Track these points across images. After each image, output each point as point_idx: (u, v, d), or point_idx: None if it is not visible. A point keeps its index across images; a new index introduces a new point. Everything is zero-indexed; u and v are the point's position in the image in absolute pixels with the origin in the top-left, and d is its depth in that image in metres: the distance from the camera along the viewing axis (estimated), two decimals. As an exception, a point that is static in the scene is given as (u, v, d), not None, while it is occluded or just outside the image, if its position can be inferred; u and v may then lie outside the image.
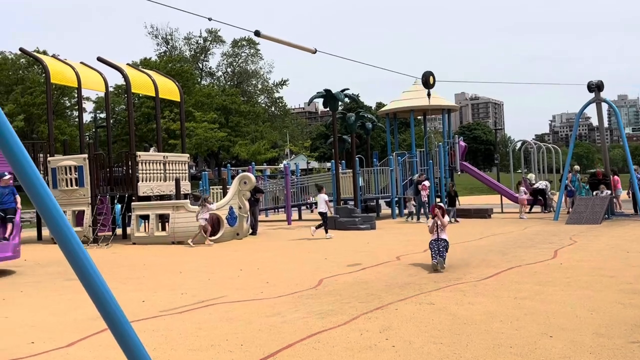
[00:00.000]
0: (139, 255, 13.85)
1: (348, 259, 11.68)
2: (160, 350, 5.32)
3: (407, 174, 25.93)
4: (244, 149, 60.92)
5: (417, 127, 30.61)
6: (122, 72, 18.69)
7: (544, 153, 28.74)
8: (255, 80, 79.15)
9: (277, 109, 79.69)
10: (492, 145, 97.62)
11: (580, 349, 4.97)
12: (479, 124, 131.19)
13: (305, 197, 27.75)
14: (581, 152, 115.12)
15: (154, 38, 74.67)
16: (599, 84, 20.36)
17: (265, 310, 6.95)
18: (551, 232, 16.05)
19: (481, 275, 8.97)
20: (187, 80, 60.61)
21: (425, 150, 27.06)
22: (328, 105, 22.35)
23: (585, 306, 6.59)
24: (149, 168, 17.82)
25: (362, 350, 5.14)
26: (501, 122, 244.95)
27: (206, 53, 77.07)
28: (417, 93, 27.51)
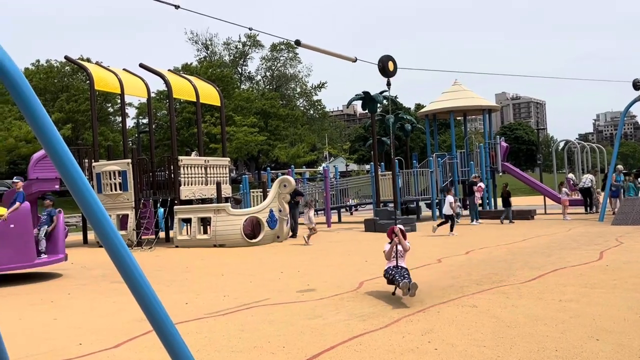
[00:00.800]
0: (182, 258, 14.04)
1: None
2: (204, 352, 5.39)
3: (447, 175, 25.70)
4: (283, 152, 61.26)
5: (457, 128, 30.31)
6: (164, 78, 18.99)
7: (587, 153, 28.17)
8: (293, 83, 79.49)
9: (315, 112, 79.88)
10: (534, 146, 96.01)
11: (629, 353, 4.85)
12: (521, 124, 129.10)
13: (344, 199, 27.75)
14: (627, 152, 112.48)
15: (194, 44, 75.63)
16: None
17: (306, 312, 6.97)
18: (596, 233, 15.71)
19: (525, 278, 8.83)
20: (227, 85, 61.20)
21: (466, 151, 26.77)
22: (367, 107, 22.34)
23: (633, 309, 6.43)
24: (190, 172, 18.06)
25: (404, 353, 5.11)
26: (543, 121, 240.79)
27: (245, 58, 77.71)
28: (457, 94, 27.27)
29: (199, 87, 20.10)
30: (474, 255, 11.97)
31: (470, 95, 27.54)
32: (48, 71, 54.87)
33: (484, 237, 16.16)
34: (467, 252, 12.63)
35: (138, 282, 3.19)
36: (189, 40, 76.81)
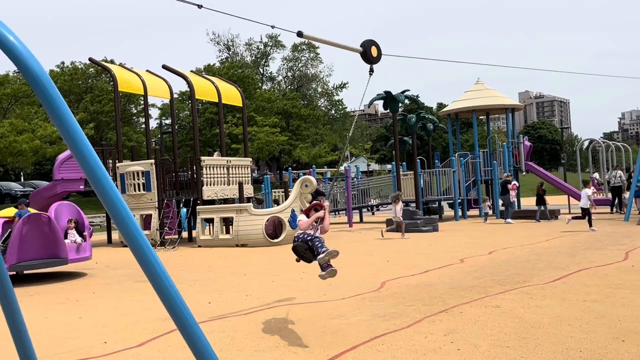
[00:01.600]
0: (204, 257, 14.14)
1: (410, 261, 11.60)
2: (227, 351, 5.43)
3: (470, 174, 25.55)
4: (305, 152, 61.34)
5: (479, 127, 30.15)
6: (187, 79, 19.14)
7: (612, 152, 27.79)
8: (315, 83, 79.55)
9: (337, 112, 79.86)
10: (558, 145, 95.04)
11: (655, 355, 4.79)
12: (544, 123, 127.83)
13: (366, 199, 27.71)
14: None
15: (216, 45, 76.04)
16: (671, 78, 19.56)
17: (328, 312, 6.98)
18: (622, 233, 15.51)
19: (549, 278, 8.75)
20: (249, 86, 61.45)
21: (489, 151, 26.58)
22: (388, 106, 22.28)
23: (660, 310, 6.35)
24: (213, 172, 18.17)
25: (427, 353, 5.10)
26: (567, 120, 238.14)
27: (267, 58, 77.92)
28: (479, 92, 27.09)
29: (220, 88, 20.21)
30: (497, 256, 11.88)
31: (492, 94, 27.34)
32: (72, 73, 55.57)
33: (507, 237, 16.03)
34: (490, 252, 12.54)
35: (162, 281, 3.22)
36: (211, 41, 77.16)
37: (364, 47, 13.21)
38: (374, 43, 13.08)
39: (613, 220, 19.90)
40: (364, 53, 12.69)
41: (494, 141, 28.03)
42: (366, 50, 13.15)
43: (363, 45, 13.10)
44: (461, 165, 24.78)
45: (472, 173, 25.62)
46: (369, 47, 13.23)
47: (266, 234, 16.24)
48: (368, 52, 12.98)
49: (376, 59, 13.03)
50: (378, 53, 13.37)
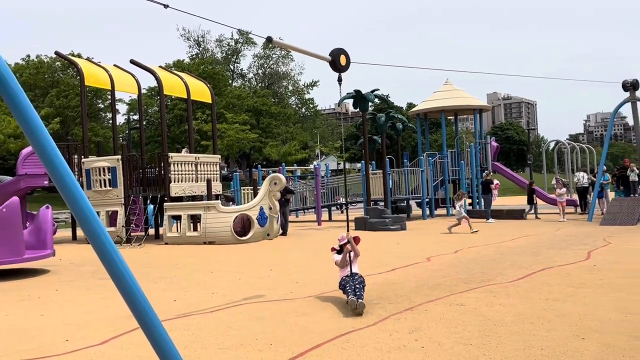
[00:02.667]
0: (171, 255, 14.02)
1: (378, 259, 11.65)
2: (190, 349, 5.39)
3: (438, 174, 25.77)
4: (275, 150, 61.24)
5: (448, 128, 30.40)
6: (155, 74, 18.93)
7: (577, 153, 28.30)
8: (286, 81, 79.48)
9: (307, 110, 79.89)
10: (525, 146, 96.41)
11: (614, 352, 4.89)
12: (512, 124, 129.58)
13: (335, 197, 27.77)
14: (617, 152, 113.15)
15: (186, 40, 75.53)
16: (634, 82, 20.02)
17: (295, 310, 6.98)
18: (585, 233, 15.81)
19: (513, 277, 8.87)
20: (219, 82, 61.12)
21: (457, 151, 26.85)
22: (358, 105, 22.33)
23: (619, 308, 6.48)
24: (180, 169, 18.02)
25: (392, 351, 5.13)
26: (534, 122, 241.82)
27: (237, 55, 77.61)
28: (448, 93, 27.35)
29: (190, 84, 20.04)
30: (463, 255, 12.02)
31: (461, 95, 27.62)
32: (38, 66, 54.63)
33: (473, 236, 16.23)
34: (456, 251, 12.68)
35: (124, 278, 3.19)
36: (181, 37, 76.62)
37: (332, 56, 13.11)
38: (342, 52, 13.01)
39: (577, 221, 20.26)
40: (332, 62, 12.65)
41: (462, 141, 28.33)
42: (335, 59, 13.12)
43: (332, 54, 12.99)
44: (429, 164, 25.00)
45: (440, 173, 25.86)
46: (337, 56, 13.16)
47: (234, 232, 16.17)
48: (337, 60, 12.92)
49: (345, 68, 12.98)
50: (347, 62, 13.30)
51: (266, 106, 66.40)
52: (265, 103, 66.66)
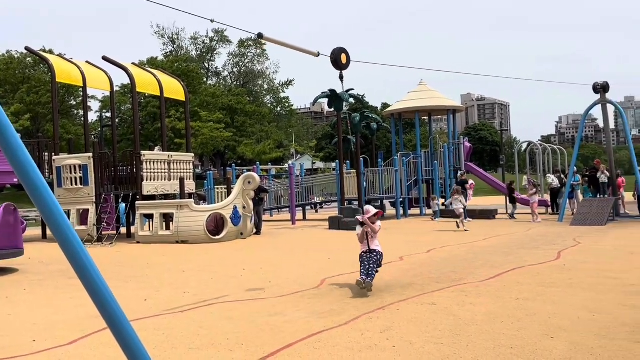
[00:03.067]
0: (143, 254, 13.88)
1: (351, 259, 11.62)
2: (160, 349, 5.33)
3: (411, 174, 25.91)
4: (250, 148, 61.05)
5: (422, 128, 30.62)
6: (127, 71, 18.73)
7: (549, 154, 28.65)
8: (261, 80, 79.27)
9: (282, 109, 79.77)
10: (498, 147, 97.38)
11: (582, 351, 4.95)
12: (485, 125, 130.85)
13: (310, 197, 27.77)
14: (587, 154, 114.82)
15: (160, 38, 74.91)
16: (604, 85, 20.31)
17: (267, 309, 6.95)
18: (555, 233, 16.01)
19: (484, 276, 8.95)
20: (193, 80, 60.76)
21: (431, 151, 27.02)
22: (333, 105, 22.34)
23: (588, 308, 6.57)
24: (153, 167, 17.85)
25: (363, 350, 5.13)
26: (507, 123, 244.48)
27: (212, 53, 77.23)
28: (422, 94, 27.51)
29: (163, 81, 19.87)
30: (436, 254, 12.09)
31: (435, 96, 27.80)
32: (8, 62, 53.73)
33: (446, 235, 16.34)
34: (429, 250, 12.75)
35: (92, 277, 3.13)
36: (156, 34, 75.91)
37: (334, 55, 13.43)
38: (343, 50, 13.32)
39: (548, 221, 20.52)
40: (334, 61, 12.91)
41: (436, 142, 28.52)
42: (336, 57, 13.36)
43: (333, 52, 13.33)
44: (403, 164, 25.11)
45: (414, 173, 26.00)
46: (338, 55, 13.51)
47: (207, 231, 16.06)
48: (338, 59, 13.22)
49: (345, 66, 13.30)
50: (347, 60, 13.67)
51: (241, 105, 66.15)
52: (240, 101, 66.39)
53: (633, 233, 15.55)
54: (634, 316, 6.13)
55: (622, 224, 18.76)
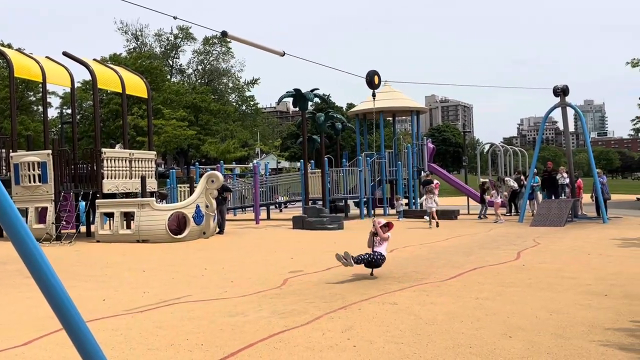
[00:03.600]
0: (103, 253, 13.65)
1: (314, 258, 11.67)
2: (118, 350, 5.24)
3: (375, 174, 26.03)
4: (214, 147, 60.58)
5: (386, 129, 30.79)
6: (88, 67, 18.41)
7: (510, 156, 29.12)
8: (226, 78, 78.72)
9: (248, 108, 79.35)
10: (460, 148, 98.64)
11: (538, 350, 5.03)
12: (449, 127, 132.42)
13: (274, 196, 27.69)
14: (548, 156, 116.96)
15: (123, 34, 73.77)
16: (564, 88, 20.68)
17: (228, 309, 6.89)
18: (515, 233, 16.26)
19: (445, 276, 9.03)
20: (157, 77, 60.03)
21: (394, 151, 27.19)
22: (298, 104, 22.33)
23: (545, 307, 6.68)
24: (114, 165, 17.59)
25: (324, 350, 5.13)
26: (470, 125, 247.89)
27: (177, 50, 76.42)
28: (387, 94, 27.65)
29: (125, 78, 19.57)
30: (398, 254, 12.15)
31: (399, 97, 27.99)
32: (-36, 56, 52.29)
33: (409, 235, 16.44)
34: (391, 250, 12.78)
35: (46, 276, 3.05)
36: (119, 30, 74.74)
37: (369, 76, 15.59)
38: (376, 73, 15.43)
39: (508, 222, 20.82)
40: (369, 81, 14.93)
41: (400, 142, 28.72)
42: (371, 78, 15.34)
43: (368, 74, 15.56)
44: (367, 164, 25.22)
45: (378, 173, 26.13)
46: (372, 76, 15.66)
47: (169, 230, 15.88)
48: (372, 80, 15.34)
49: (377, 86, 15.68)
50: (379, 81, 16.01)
51: (205, 103, 65.56)
52: (204, 99, 65.81)
53: (590, 234, 15.88)
54: (590, 315, 6.25)
55: (580, 224, 19.16)
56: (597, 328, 5.71)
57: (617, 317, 6.16)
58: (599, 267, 9.79)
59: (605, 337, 5.37)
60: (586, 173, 48.84)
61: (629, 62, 36.65)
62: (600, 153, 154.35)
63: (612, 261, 10.47)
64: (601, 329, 5.66)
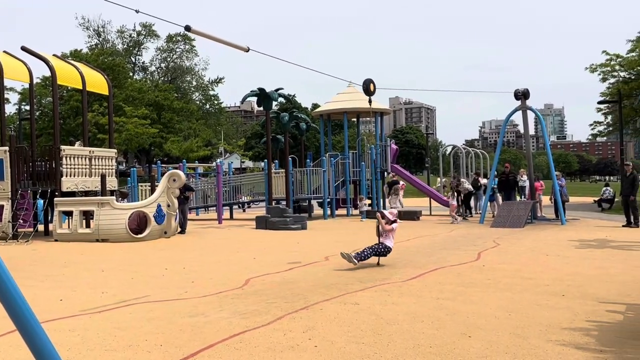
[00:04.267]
0: (61, 252, 13.38)
1: (277, 258, 11.63)
2: (75, 351, 5.13)
3: (339, 175, 26.09)
4: (176, 146, 59.97)
5: (350, 129, 30.87)
6: (48, 62, 18.03)
7: (472, 158, 29.48)
8: (189, 76, 78.04)
9: (211, 107, 78.79)
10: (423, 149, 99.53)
11: (497, 349, 5.09)
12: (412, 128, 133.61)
13: (237, 196, 27.52)
14: (508, 158, 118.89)
15: (85, 30, 72.55)
16: (525, 92, 21.01)
17: (188, 310, 6.81)
18: (476, 234, 16.47)
19: (406, 276, 9.09)
20: (119, 74, 59.20)
21: (358, 152, 27.29)
22: (262, 104, 22.22)
23: (504, 307, 6.77)
24: (73, 163, 17.26)
25: (284, 351, 5.10)
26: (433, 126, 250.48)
27: (140, 47, 75.46)
28: (351, 95, 27.73)
29: (85, 74, 19.22)
30: (361, 254, 12.18)
31: (363, 98, 28.06)
32: None
33: (372, 236, 16.47)
34: (354, 250, 12.82)
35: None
36: (80, 25, 73.46)
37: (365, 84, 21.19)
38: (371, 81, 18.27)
39: (469, 223, 21.08)
40: (366, 89, 18.44)
41: (363, 143, 28.83)
42: (367, 86, 18.51)
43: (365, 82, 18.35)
44: (331, 165, 25.26)
45: (342, 173, 26.19)
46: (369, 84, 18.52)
47: (129, 229, 15.65)
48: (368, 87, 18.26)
49: (373, 93, 18.30)
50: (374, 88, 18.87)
51: (168, 101, 64.87)
52: (167, 97, 65.11)
53: (548, 235, 16.18)
54: (547, 315, 6.36)
55: (539, 226, 19.50)
56: (554, 328, 5.81)
57: (574, 317, 6.27)
58: (557, 267, 9.97)
59: (562, 337, 5.47)
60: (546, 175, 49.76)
61: (588, 67, 37.50)
62: (559, 156, 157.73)
63: (570, 262, 10.68)
64: (558, 329, 5.76)
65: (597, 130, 41.37)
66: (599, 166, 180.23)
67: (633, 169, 19.43)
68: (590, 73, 37.55)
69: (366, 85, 20.65)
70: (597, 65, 37.16)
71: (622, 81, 35.92)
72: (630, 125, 39.41)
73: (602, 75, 37.21)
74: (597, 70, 37.13)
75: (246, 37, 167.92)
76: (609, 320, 6.16)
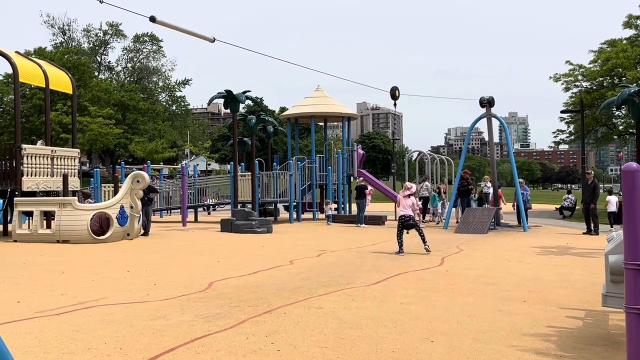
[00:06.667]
0: (20, 253, 13.07)
1: (241, 262, 11.55)
2: (31, 354, 5.01)
3: (306, 178, 26.08)
4: (141, 147, 59.18)
5: (318, 134, 30.93)
6: (10, 59, 17.64)
7: (437, 164, 29.76)
8: (156, 77, 77.19)
9: (178, 108, 78.01)
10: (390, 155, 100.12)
11: (459, 354, 5.12)
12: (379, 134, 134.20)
13: (203, 198, 27.29)
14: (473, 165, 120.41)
15: (50, 27, 71.23)
16: (490, 99, 21.28)
17: (149, 313, 6.71)
18: (440, 240, 16.60)
19: (370, 280, 9.11)
20: (84, 74, 58.23)
21: (325, 156, 27.33)
22: (229, 106, 22.10)
23: (466, 312, 6.82)
24: (35, 162, 16.91)
25: (247, 355, 5.06)
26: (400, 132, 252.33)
27: (106, 47, 74.38)
28: (319, 99, 27.79)
29: (49, 72, 18.85)
30: (325, 258, 12.20)
31: (331, 102, 28.16)
32: None
33: (337, 239, 16.53)
34: (319, 254, 12.85)
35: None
36: (45, 23, 72.11)
37: (392, 90, 25.31)
38: (397, 88, 25.21)
39: (433, 228, 21.25)
40: (393, 95, 24.80)
41: (330, 148, 28.89)
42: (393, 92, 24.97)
43: (392, 89, 25.25)
44: (298, 169, 25.23)
45: (308, 177, 26.18)
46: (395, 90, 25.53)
47: (91, 231, 15.38)
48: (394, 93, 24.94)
49: (398, 97, 25.66)
50: (399, 94, 25.37)
51: (134, 101, 64.01)
52: (132, 98, 64.23)
53: (511, 241, 16.40)
54: (509, 321, 6.43)
55: (502, 232, 19.76)
56: (515, 333, 5.88)
57: (534, 323, 6.36)
58: (519, 273, 10.10)
59: (523, 342, 5.53)
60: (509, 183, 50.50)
61: (552, 76, 38.18)
62: (522, 164, 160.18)
63: (531, 268, 10.83)
64: (519, 334, 5.83)
65: (560, 139, 42.11)
66: (561, 174, 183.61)
67: (594, 177, 19.84)
68: (555, 82, 38.25)
69: (392, 91, 26.02)
70: (560, 75, 37.86)
71: (584, 91, 36.63)
72: (592, 135, 40.24)
73: (566, 84, 37.92)
74: (561, 79, 37.82)
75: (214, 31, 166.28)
76: (569, 326, 6.26)
